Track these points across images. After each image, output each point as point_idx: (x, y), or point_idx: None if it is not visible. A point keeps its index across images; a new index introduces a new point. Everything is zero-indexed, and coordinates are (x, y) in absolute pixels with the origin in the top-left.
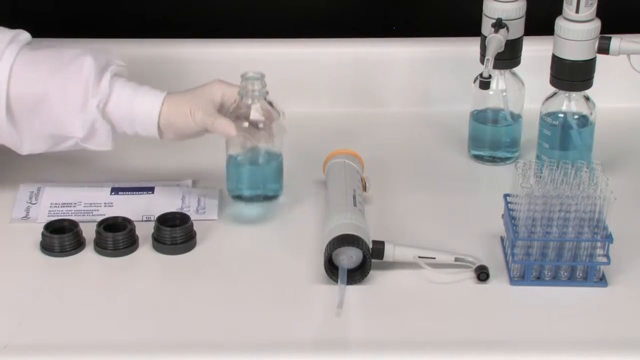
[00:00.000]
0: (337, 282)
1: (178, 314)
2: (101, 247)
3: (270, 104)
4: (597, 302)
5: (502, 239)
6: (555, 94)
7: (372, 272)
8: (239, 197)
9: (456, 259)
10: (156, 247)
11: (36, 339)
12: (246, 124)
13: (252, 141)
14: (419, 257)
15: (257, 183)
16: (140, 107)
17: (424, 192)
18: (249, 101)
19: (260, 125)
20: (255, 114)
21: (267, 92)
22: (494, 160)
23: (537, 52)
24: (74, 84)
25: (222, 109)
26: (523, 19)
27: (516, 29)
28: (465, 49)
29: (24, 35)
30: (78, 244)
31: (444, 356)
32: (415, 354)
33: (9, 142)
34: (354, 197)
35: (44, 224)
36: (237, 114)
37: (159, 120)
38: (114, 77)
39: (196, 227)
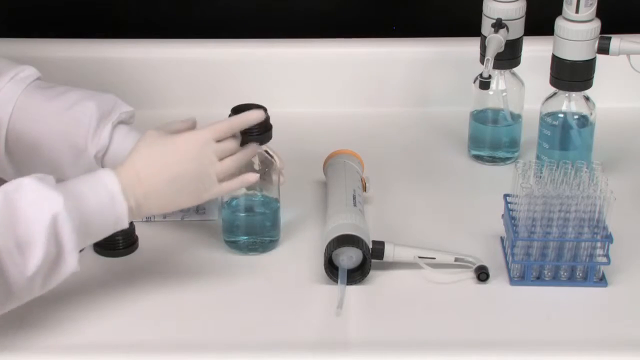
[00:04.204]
0: (337, 282)
1: (178, 314)
2: (101, 247)
3: (267, 151)
4: (597, 302)
5: (502, 239)
6: (555, 94)
7: (372, 272)
8: (234, 243)
9: (456, 259)
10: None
11: (36, 339)
12: None
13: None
14: (419, 257)
15: (253, 230)
16: None
17: (424, 192)
18: None
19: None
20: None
21: None
22: (494, 160)
23: (537, 52)
24: (73, 131)
25: None
26: (523, 19)
27: (516, 29)
28: (465, 49)
29: (29, 71)
30: None
31: (444, 356)
32: (415, 354)
33: (10, 178)
34: (354, 197)
35: None
36: None
37: None
38: (117, 126)
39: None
